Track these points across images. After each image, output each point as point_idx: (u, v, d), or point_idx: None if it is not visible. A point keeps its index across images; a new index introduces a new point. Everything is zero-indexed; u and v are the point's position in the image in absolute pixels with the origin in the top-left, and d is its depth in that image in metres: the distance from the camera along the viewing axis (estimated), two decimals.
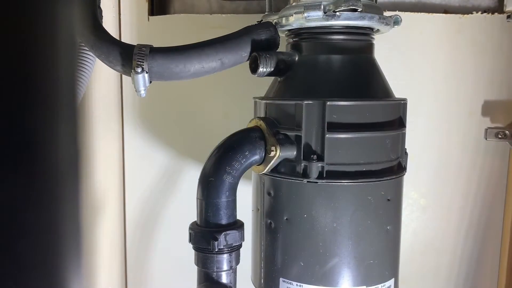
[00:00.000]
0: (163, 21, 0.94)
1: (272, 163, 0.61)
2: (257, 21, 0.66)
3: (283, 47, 0.67)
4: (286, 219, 0.62)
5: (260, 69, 0.61)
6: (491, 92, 0.88)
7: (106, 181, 1.01)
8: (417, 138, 0.89)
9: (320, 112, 0.59)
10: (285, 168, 0.62)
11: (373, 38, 0.67)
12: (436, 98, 0.89)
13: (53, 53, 0.21)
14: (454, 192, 0.92)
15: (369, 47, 0.67)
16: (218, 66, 0.61)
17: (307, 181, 0.60)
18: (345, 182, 0.60)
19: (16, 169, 0.19)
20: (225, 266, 0.62)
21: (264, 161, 0.62)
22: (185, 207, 0.91)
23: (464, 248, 0.93)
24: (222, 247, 0.61)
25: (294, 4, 0.64)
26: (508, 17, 0.80)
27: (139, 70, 0.58)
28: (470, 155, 0.90)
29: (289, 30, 0.67)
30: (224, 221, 0.62)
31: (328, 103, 0.58)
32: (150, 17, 0.94)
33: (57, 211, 0.21)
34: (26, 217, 0.20)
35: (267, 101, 0.65)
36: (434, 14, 0.87)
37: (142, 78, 0.58)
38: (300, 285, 0.62)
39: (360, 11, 0.60)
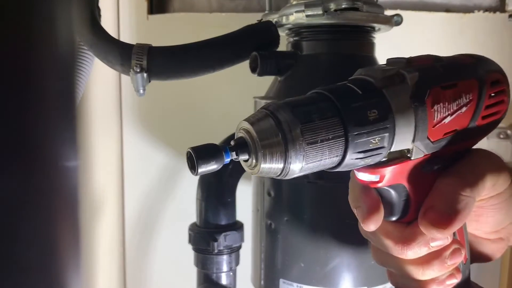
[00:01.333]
0: (162, 20, 0.94)
1: None
2: (257, 20, 0.65)
3: (283, 46, 0.67)
4: (286, 219, 0.62)
5: (260, 69, 0.61)
6: None
7: (105, 181, 1.00)
8: None
9: None
10: None
11: (374, 37, 0.67)
12: None
13: (52, 52, 0.21)
14: None
15: (370, 46, 0.66)
16: (217, 65, 0.61)
17: (308, 182, 0.59)
18: (345, 182, 0.59)
19: (14, 170, 0.19)
20: (224, 267, 0.62)
21: None
22: (184, 208, 0.90)
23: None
24: (221, 248, 0.61)
25: (294, 2, 0.63)
26: (510, 16, 0.80)
27: (138, 69, 0.57)
28: None
29: (289, 29, 0.66)
30: (223, 222, 0.62)
31: None
32: (149, 16, 0.94)
33: (55, 211, 0.21)
34: (24, 218, 0.19)
35: (267, 101, 0.65)
36: (436, 13, 0.87)
37: (141, 78, 0.58)
38: (300, 286, 0.62)
39: (361, 10, 0.60)
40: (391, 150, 0.37)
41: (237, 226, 0.63)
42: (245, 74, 0.64)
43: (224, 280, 0.62)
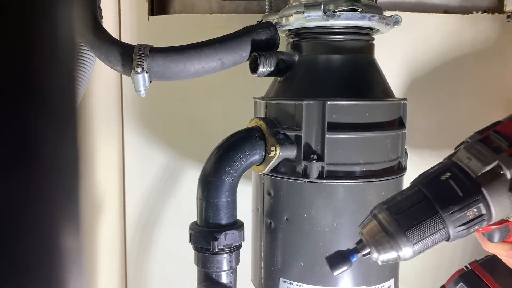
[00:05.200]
0: (163, 21, 0.94)
1: (272, 163, 0.61)
2: (257, 21, 0.66)
3: (283, 47, 0.67)
4: (286, 219, 0.62)
5: (260, 69, 0.61)
6: (491, 92, 0.88)
7: (106, 181, 1.01)
8: (417, 138, 0.89)
9: (320, 112, 0.59)
10: (285, 168, 0.62)
11: (373, 38, 0.67)
12: (436, 98, 0.89)
13: (53, 53, 0.21)
14: None
15: (369, 47, 0.67)
16: (218, 66, 0.61)
17: (307, 181, 0.60)
18: (345, 182, 0.60)
19: (16, 169, 0.19)
20: (225, 266, 0.62)
21: (264, 161, 0.62)
22: (185, 207, 0.91)
23: (464, 248, 0.92)
24: (222, 247, 0.61)
25: (294, 4, 0.64)
26: (508, 17, 0.80)
27: (139, 70, 0.58)
28: None
29: (289, 30, 0.67)
30: (224, 221, 0.62)
31: (328, 103, 0.58)
32: (150, 17, 0.94)
33: (57, 211, 0.21)
34: (26, 218, 0.20)
35: (267, 101, 0.65)
36: (434, 14, 0.87)
37: (142, 78, 0.58)
38: (300, 285, 0.62)
39: (360, 11, 0.60)
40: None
41: (238, 225, 0.63)
42: (245, 74, 0.65)
43: (224, 279, 0.63)
